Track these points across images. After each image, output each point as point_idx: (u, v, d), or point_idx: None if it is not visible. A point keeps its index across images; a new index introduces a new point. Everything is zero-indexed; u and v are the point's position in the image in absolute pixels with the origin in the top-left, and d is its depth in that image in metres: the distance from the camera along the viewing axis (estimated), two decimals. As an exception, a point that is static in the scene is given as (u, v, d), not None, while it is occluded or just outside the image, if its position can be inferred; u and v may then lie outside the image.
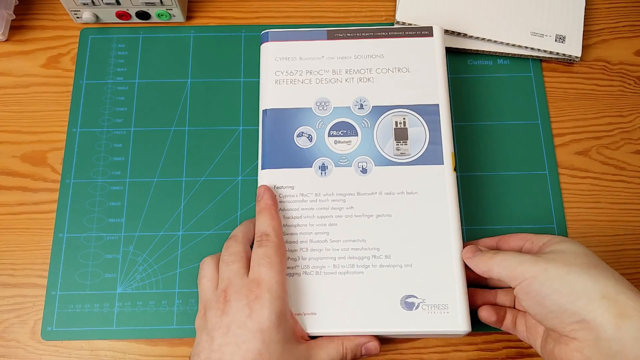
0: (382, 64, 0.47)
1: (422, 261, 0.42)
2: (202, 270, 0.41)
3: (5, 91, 0.53)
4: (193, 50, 0.54)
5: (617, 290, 0.32)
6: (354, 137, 0.45)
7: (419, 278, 0.41)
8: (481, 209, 0.49)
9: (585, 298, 0.33)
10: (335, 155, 0.45)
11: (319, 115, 0.46)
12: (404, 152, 0.44)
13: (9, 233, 0.48)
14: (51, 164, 0.50)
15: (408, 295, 0.41)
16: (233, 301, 0.37)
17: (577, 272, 0.34)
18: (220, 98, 0.52)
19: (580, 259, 0.35)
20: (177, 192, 0.49)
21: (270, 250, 0.39)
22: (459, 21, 0.53)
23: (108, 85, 0.53)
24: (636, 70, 0.54)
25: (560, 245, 0.37)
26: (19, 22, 0.55)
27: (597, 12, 0.56)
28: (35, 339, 0.45)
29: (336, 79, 0.47)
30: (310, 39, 0.48)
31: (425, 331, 0.40)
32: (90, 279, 0.47)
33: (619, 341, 0.31)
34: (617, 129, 0.52)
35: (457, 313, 0.40)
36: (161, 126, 0.51)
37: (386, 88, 0.46)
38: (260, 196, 0.42)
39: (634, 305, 0.32)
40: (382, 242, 0.42)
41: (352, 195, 0.44)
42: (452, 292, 0.41)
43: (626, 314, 0.31)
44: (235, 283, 0.38)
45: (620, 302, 0.32)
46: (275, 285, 0.38)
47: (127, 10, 0.53)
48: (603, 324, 0.32)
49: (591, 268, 0.34)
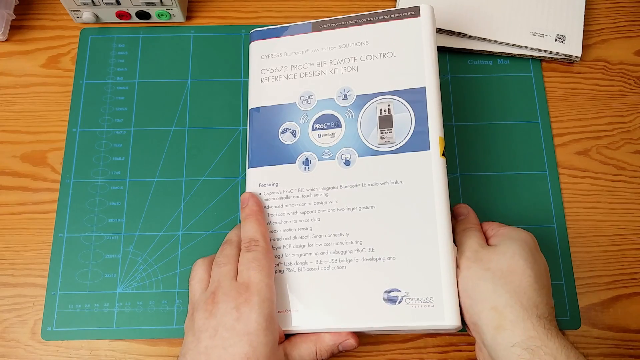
0: (367, 51, 0.45)
1: (407, 253, 0.39)
2: (193, 272, 0.40)
3: (5, 91, 0.53)
4: (193, 50, 0.54)
5: (507, 303, 0.36)
6: (337, 129, 0.44)
7: (403, 271, 0.39)
8: (481, 209, 0.49)
9: (480, 305, 0.36)
10: (318, 149, 0.43)
11: (302, 110, 0.45)
12: (389, 140, 0.42)
13: (9, 233, 0.48)
14: (51, 164, 0.50)
15: (391, 289, 0.39)
16: (221, 303, 0.36)
17: (486, 280, 0.37)
18: (220, 98, 0.52)
19: (503, 263, 0.37)
20: (177, 192, 0.49)
21: (260, 255, 0.39)
22: (459, 21, 0.53)
23: (108, 85, 0.53)
24: (636, 70, 0.54)
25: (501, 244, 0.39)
26: (19, 22, 0.55)
27: (597, 12, 0.56)
28: (35, 339, 0.45)
29: (320, 71, 0.45)
30: (295, 33, 0.47)
31: (409, 326, 0.38)
32: (90, 279, 0.47)
33: (494, 350, 0.35)
34: (617, 129, 0.52)
35: (443, 307, 0.38)
36: (161, 126, 0.51)
37: (371, 76, 0.44)
38: (245, 203, 0.42)
39: (512, 319, 0.35)
40: (365, 235, 0.41)
41: (336, 188, 0.42)
42: (437, 285, 0.38)
43: (502, 327, 0.35)
44: (225, 285, 0.37)
45: (504, 314, 0.35)
46: (265, 288, 0.37)
47: (127, 10, 0.53)
48: (485, 332, 0.36)
49: (501, 277, 0.37)
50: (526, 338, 0.34)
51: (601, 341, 0.46)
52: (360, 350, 0.45)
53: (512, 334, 0.35)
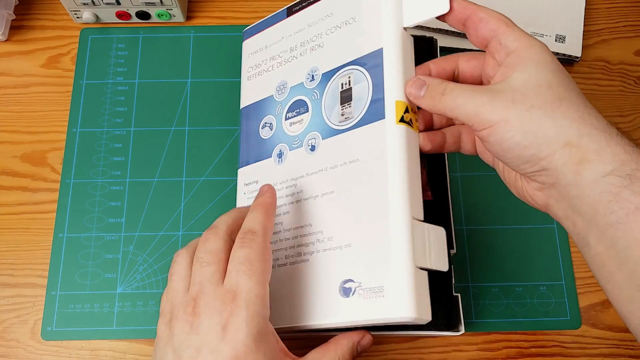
0: (331, 23, 0.40)
1: (360, 238, 0.34)
2: (173, 265, 0.35)
3: (5, 91, 0.53)
4: (193, 50, 0.54)
5: (581, 132, 0.30)
6: (305, 114, 0.40)
7: (357, 258, 0.34)
8: (481, 209, 0.49)
9: (547, 149, 0.31)
10: (289, 138, 0.40)
11: (278, 101, 0.42)
12: (348, 116, 0.37)
13: (9, 233, 0.48)
14: (51, 164, 0.50)
15: (346, 279, 0.34)
16: (204, 316, 0.31)
17: (539, 118, 0.31)
18: (220, 98, 0.52)
19: (544, 94, 0.31)
20: (177, 192, 0.49)
21: (253, 254, 0.32)
22: (459, 21, 0.53)
23: (108, 85, 0.53)
24: (636, 70, 0.54)
25: (521, 73, 0.32)
26: (19, 22, 0.55)
27: (597, 12, 0.56)
28: (35, 339, 0.45)
29: (293, 57, 0.42)
30: (274, 23, 0.45)
31: (362, 320, 0.33)
32: (90, 279, 0.47)
33: (577, 186, 0.30)
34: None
35: (396, 296, 0.32)
36: (161, 126, 0.51)
37: (334, 49, 0.40)
38: (262, 193, 0.37)
39: (596, 148, 0.30)
40: (326, 223, 0.36)
41: (303, 177, 0.39)
42: (386, 270, 0.32)
43: (586, 159, 0.30)
44: (208, 292, 0.32)
45: (583, 146, 0.30)
46: (255, 299, 0.31)
47: (127, 10, 0.53)
48: (564, 172, 0.30)
49: (555, 108, 0.31)
50: (619, 164, 0.29)
51: (601, 341, 0.46)
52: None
53: (601, 164, 0.29)
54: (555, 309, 0.46)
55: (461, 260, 0.47)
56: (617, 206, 0.28)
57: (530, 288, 0.47)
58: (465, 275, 0.47)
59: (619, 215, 0.28)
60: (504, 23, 0.33)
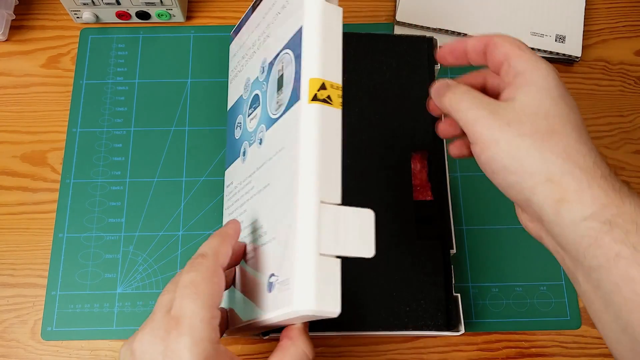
0: (275, 10, 0.38)
1: (279, 229, 0.33)
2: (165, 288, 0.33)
3: (5, 91, 0.53)
4: (193, 50, 0.54)
5: (563, 170, 0.29)
6: (258, 108, 0.39)
7: (277, 251, 0.32)
8: (481, 209, 0.49)
9: (531, 180, 0.30)
10: (249, 134, 0.39)
11: (244, 99, 0.42)
12: (281, 103, 0.35)
13: (9, 233, 0.48)
14: (51, 164, 0.50)
15: (270, 274, 0.33)
16: (147, 345, 0.29)
17: (527, 148, 0.30)
18: (221, 98, 0.52)
19: (538, 124, 0.30)
20: (177, 192, 0.49)
21: (199, 277, 0.31)
22: (459, 21, 0.53)
23: (108, 85, 0.53)
24: (636, 70, 0.54)
25: (523, 96, 0.31)
26: (19, 22, 0.55)
27: (597, 12, 0.56)
28: (35, 339, 0.45)
29: (253, 53, 0.41)
30: (244, 22, 0.45)
31: (279, 315, 0.31)
32: (90, 279, 0.47)
33: (558, 225, 0.30)
34: (617, 129, 0.52)
35: (297, 287, 0.29)
36: (161, 126, 0.51)
37: (276, 36, 0.38)
38: (225, 225, 0.36)
39: (576, 189, 0.29)
40: (263, 217, 0.35)
41: (254, 173, 0.38)
42: (290, 262, 0.30)
43: (565, 199, 0.29)
44: (156, 319, 0.30)
45: (564, 185, 0.29)
46: (199, 324, 0.29)
47: (127, 10, 0.53)
48: (544, 208, 0.30)
49: (545, 140, 0.30)
50: (598, 208, 0.28)
51: (601, 341, 0.45)
52: (360, 351, 0.45)
53: (580, 207, 0.29)
54: (555, 309, 0.46)
55: (461, 260, 0.47)
56: (598, 252, 0.28)
57: (530, 288, 0.47)
58: (465, 275, 0.47)
59: (600, 261, 0.28)
60: (517, 47, 0.33)
